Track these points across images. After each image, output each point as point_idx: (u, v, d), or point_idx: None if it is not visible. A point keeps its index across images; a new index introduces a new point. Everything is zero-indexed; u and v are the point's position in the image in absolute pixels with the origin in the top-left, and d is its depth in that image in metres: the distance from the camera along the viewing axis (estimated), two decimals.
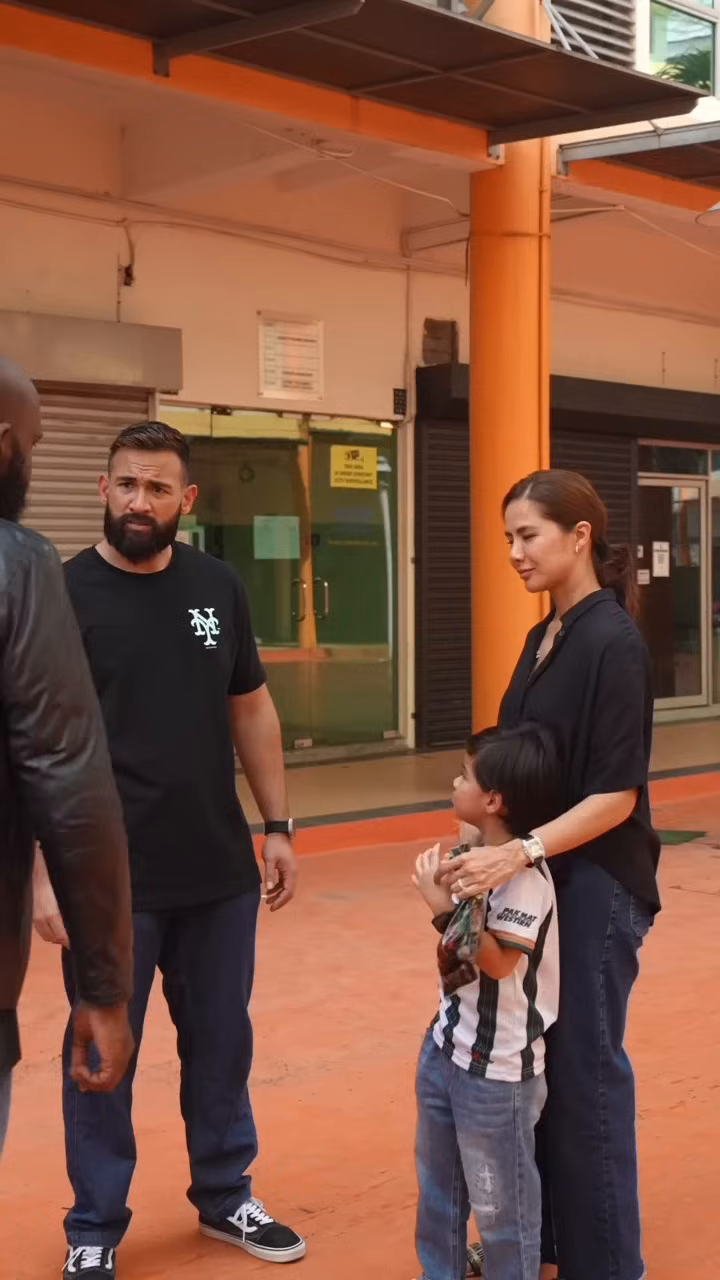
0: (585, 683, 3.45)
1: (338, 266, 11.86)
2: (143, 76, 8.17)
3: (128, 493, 3.69)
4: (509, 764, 3.39)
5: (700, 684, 15.65)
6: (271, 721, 4.03)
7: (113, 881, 2.35)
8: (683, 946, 6.90)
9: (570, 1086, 3.48)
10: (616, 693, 3.44)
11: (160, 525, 3.71)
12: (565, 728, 3.46)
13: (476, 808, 3.43)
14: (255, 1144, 3.99)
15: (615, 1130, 3.53)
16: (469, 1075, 3.38)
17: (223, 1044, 3.87)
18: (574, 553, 3.57)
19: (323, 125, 9.11)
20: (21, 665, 2.32)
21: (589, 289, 13.20)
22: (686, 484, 15.71)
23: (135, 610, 3.75)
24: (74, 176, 10.29)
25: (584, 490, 3.63)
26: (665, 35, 13.28)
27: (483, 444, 10.18)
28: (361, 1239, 3.99)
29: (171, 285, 10.79)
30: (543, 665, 3.61)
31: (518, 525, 3.58)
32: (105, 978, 2.38)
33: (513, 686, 3.71)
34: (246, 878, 3.86)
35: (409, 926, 6.98)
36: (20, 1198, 4.17)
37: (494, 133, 9.76)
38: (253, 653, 3.96)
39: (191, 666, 3.75)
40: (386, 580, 12.81)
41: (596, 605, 3.56)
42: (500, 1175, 3.37)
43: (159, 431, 3.74)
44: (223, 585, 3.89)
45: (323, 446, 12.30)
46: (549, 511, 3.56)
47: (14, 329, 9.79)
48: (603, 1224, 3.52)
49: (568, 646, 3.54)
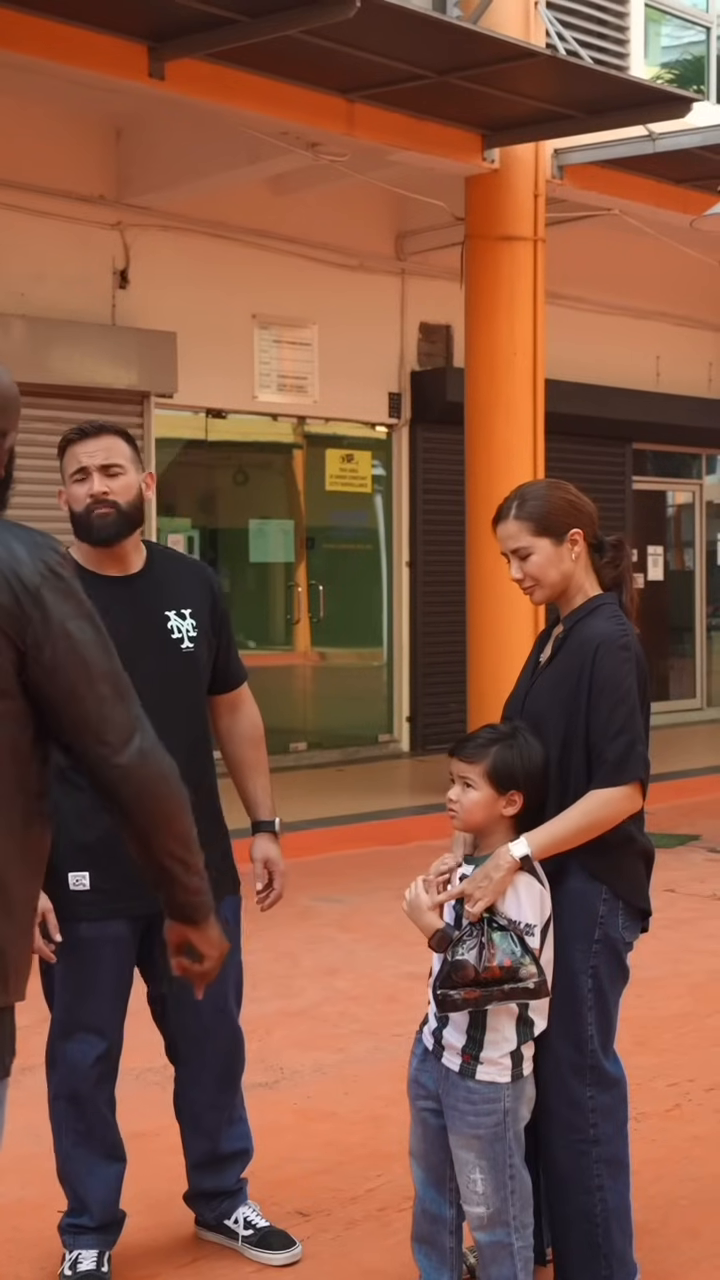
0: (579, 681, 3.47)
1: (333, 270, 11.87)
2: (138, 80, 8.18)
3: (83, 483, 3.68)
4: (522, 762, 3.42)
5: (695, 688, 15.67)
6: (254, 720, 3.99)
7: (185, 835, 2.57)
8: (678, 950, 6.90)
9: (559, 1091, 3.48)
10: (608, 688, 3.44)
11: (124, 506, 3.68)
12: (562, 728, 3.47)
13: (491, 814, 3.43)
14: (250, 1148, 3.97)
15: (605, 1134, 3.52)
16: (459, 1076, 3.38)
17: (210, 1052, 3.85)
18: (572, 561, 3.57)
19: (318, 129, 9.13)
20: (54, 665, 2.39)
21: (584, 293, 13.22)
22: (681, 488, 15.74)
23: (111, 614, 3.63)
24: (69, 180, 10.29)
25: (568, 497, 3.62)
26: (660, 40, 13.30)
27: (478, 448, 10.19)
28: (358, 1242, 3.99)
29: (166, 289, 10.79)
30: (543, 668, 3.63)
31: (511, 547, 3.59)
32: (193, 903, 2.64)
33: (516, 689, 3.72)
34: (223, 883, 3.74)
35: (404, 930, 6.93)
36: (15, 1201, 4.16)
37: (489, 137, 9.78)
38: (232, 651, 3.93)
39: (168, 669, 3.71)
40: (381, 584, 12.82)
41: (597, 608, 3.57)
42: (491, 1176, 3.37)
43: (95, 423, 3.76)
44: (199, 585, 3.86)
45: (318, 450, 12.31)
46: (539, 528, 3.56)
47: (9, 332, 9.80)
48: (595, 1228, 3.51)
49: (565, 648, 3.56)
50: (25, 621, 2.36)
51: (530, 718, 3.54)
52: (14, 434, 2.56)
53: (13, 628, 2.36)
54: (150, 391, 10.68)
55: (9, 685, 2.37)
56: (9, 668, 2.37)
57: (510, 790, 3.41)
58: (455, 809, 3.46)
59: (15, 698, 2.38)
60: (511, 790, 3.41)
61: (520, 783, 3.41)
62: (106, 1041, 3.72)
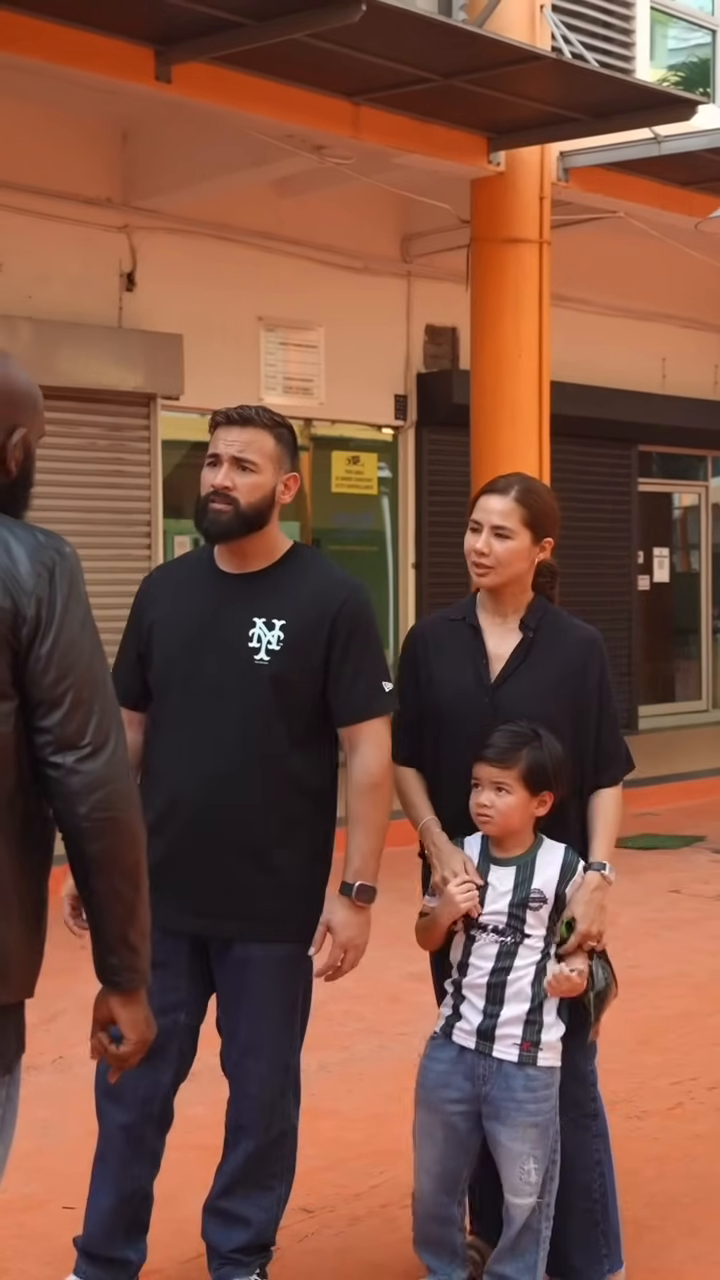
0: (584, 679, 3.63)
1: (339, 272, 11.89)
2: (144, 83, 8.20)
3: (213, 470, 3.47)
4: (555, 761, 3.48)
5: (700, 689, 15.68)
6: (365, 766, 3.49)
7: (134, 872, 2.44)
8: (681, 950, 6.92)
9: (567, 1067, 3.54)
10: (609, 687, 3.69)
11: (244, 506, 3.43)
12: (570, 725, 3.58)
13: (526, 816, 3.49)
14: (264, 1243, 3.60)
15: (599, 1108, 3.67)
16: (517, 1066, 3.43)
17: (240, 1101, 3.56)
18: (531, 563, 3.67)
19: (323, 132, 9.14)
20: (48, 664, 2.39)
21: (589, 295, 13.23)
22: (686, 490, 15.75)
23: (197, 610, 3.53)
24: (76, 183, 10.32)
25: (558, 508, 3.74)
26: (666, 42, 13.32)
27: (483, 449, 10.21)
28: (361, 1238, 4.02)
29: (173, 291, 10.82)
30: (509, 667, 3.62)
31: (495, 522, 3.61)
32: (126, 964, 2.47)
33: (455, 687, 3.61)
34: (266, 926, 3.48)
35: (409, 930, 6.96)
36: (20, 1197, 4.19)
37: (494, 139, 9.79)
38: (355, 683, 3.47)
39: (229, 677, 3.44)
40: (387, 585, 12.83)
41: (549, 610, 3.72)
42: (543, 1165, 3.44)
43: (253, 409, 3.51)
44: (315, 600, 3.49)
45: (324, 452, 12.32)
46: (528, 520, 3.62)
47: (16, 334, 9.82)
48: (594, 1204, 3.62)
49: (540, 647, 3.63)
50: (21, 622, 2.38)
51: (519, 717, 3.53)
52: (26, 431, 2.54)
53: (9, 629, 2.38)
54: (156, 393, 10.69)
55: (6, 687, 2.39)
56: (5, 671, 2.38)
57: (543, 791, 3.48)
58: (490, 814, 3.46)
59: (13, 698, 2.40)
60: (544, 791, 3.48)
61: (552, 783, 3.48)
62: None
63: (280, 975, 3.52)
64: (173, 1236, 3.94)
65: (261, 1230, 3.59)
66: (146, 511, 10.66)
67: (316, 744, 3.53)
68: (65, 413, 10.11)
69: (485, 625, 3.68)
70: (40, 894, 2.51)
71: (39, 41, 7.74)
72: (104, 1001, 2.52)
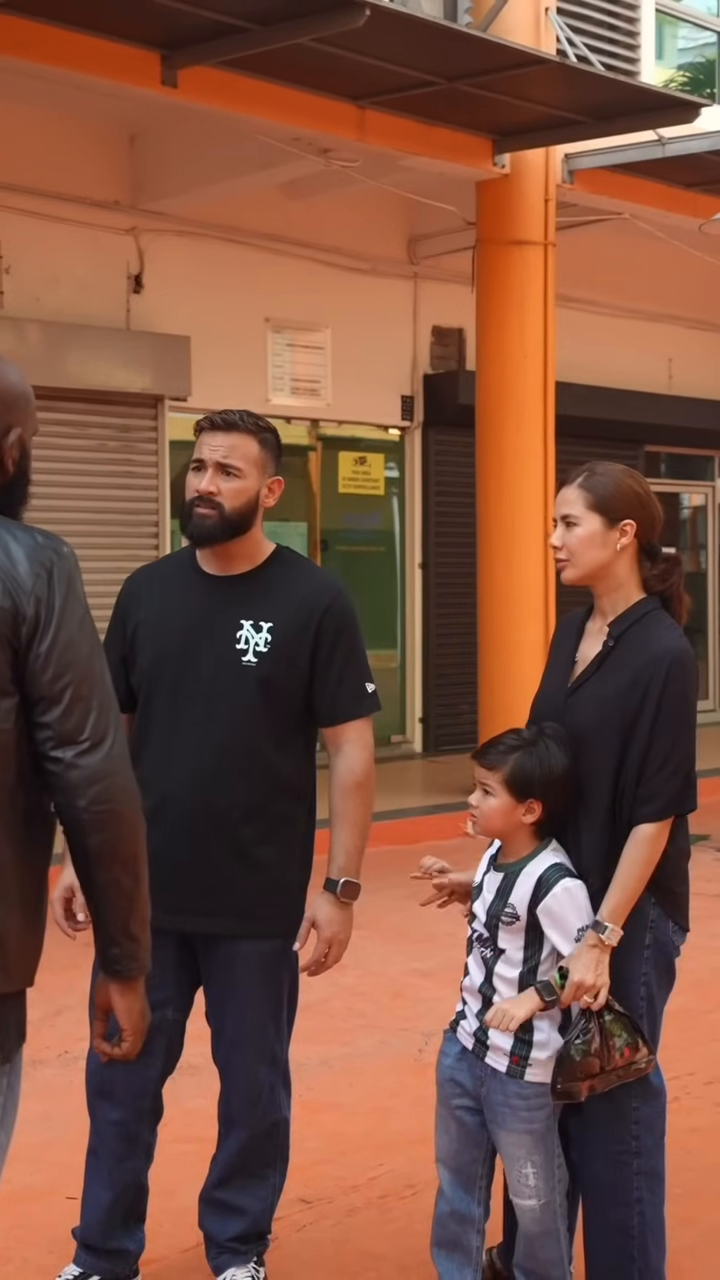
0: (642, 703, 3.33)
1: (345, 274, 11.95)
2: (151, 88, 8.26)
3: (197, 475, 3.51)
4: (541, 771, 3.36)
5: (708, 689, 15.71)
6: (350, 765, 3.56)
7: (134, 863, 2.51)
8: (685, 947, 6.96)
9: (604, 1101, 3.39)
10: (676, 715, 3.35)
11: (228, 511, 3.47)
12: (618, 745, 3.35)
13: (510, 821, 3.40)
14: (260, 1231, 3.67)
15: (646, 1145, 3.45)
16: (507, 1077, 3.39)
17: (230, 1093, 3.64)
18: (614, 550, 3.41)
19: (330, 135, 9.20)
20: (47, 661, 2.45)
21: (594, 296, 13.28)
22: (694, 490, 15.78)
23: (184, 611, 3.56)
24: (84, 186, 10.39)
25: (637, 489, 3.46)
26: (671, 44, 13.36)
27: (489, 450, 10.26)
28: (359, 1228, 4.06)
29: (180, 293, 10.88)
30: (585, 673, 3.46)
31: (562, 512, 3.44)
32: (127, 953, 2.53)
33: (548, 687, 3.55)
34: (252, 922, 3.53)
35: (412, 928, 7.04)
36: (23, 1187, 4.24)
37: (499, 142, 9.85)
38: (341, 684, 3.53)
39: (217, 678, 3.48)
40: (394, 585, 12.89)
41: (647, 616, 3.42)
42: (544, 1170, 3.40)
43: (236, 414, 3.53)
44: (300, 602, 3.53)
45: (331, 453, 12.38)
46: (594, 503, 3.41)
47: (25, 336, 9.90)
48: (630, 1240, 3.44)
49: (616, 659, 3.40)
50: (21, 621, 2.44)
51: (573, 729, 3.40)
52: (21, 430, 2.59)
53: (9, 628, 2.44)
54: (164, 395, 10.75)
55: (6, 684, 2.45)
56: (5, 668, 2.44)
57: (529, 798, 3.38)
58: (475, 814, 3.44)
59: (14, 695, 2.46)
60: (530, 798, 3.38)
61: (537, 791, 3.37)
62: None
63: (266, 970, 3.57)
64: (174, 1226, 3.99)
65: (257, 1219, 3.65)
66: (154, 512, 10.74)
67: (299, 744, 3.59)
68: (73, 414, 10.18)
69: (589, 627, 3.53)
70: (41, 886, 2.56)
71: (47, 47, 7.81)
72: (104, 988, 2.58)
